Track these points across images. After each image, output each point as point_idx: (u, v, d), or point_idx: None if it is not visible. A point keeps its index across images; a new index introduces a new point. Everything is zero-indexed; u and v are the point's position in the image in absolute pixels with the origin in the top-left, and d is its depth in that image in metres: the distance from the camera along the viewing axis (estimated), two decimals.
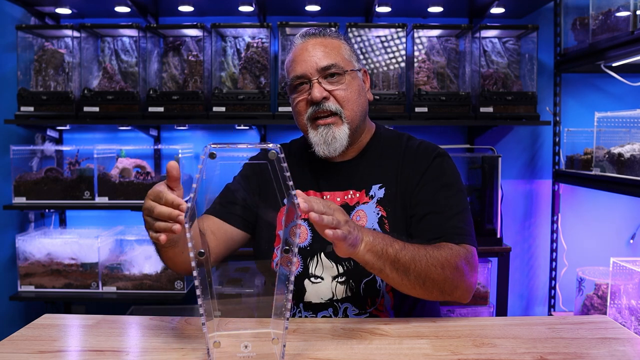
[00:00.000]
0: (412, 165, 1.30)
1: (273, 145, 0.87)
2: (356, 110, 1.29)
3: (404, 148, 1.34)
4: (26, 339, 1.04)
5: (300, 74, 1.28)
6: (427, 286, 1.12)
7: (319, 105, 1.26)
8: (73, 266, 2.50)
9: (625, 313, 2.04)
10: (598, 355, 0.95)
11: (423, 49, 2.59)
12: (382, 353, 0.97)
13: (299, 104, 1.30)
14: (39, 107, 2.48)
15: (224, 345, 0.91)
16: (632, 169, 2.08)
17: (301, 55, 1.29)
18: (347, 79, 1.28)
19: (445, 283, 1.14)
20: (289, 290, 0.90)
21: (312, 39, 1.30)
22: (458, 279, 1.15)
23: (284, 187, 0.89)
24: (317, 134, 1.27)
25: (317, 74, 1.26)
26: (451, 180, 1.29)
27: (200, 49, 2.55)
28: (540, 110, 2.60)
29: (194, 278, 0.87)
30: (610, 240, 2.76)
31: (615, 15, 2.17)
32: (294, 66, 1.30)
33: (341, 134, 1.26)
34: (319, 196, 1.33)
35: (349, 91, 1.28)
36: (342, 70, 1.27)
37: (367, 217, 1.28)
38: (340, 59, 1.28)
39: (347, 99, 1.27)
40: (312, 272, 1.28)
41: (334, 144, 1.26)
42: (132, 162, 2.58)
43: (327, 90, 1.26)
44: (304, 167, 1.37)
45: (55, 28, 2.64)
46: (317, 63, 1.26)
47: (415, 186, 1.27)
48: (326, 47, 1.29)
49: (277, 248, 1.32)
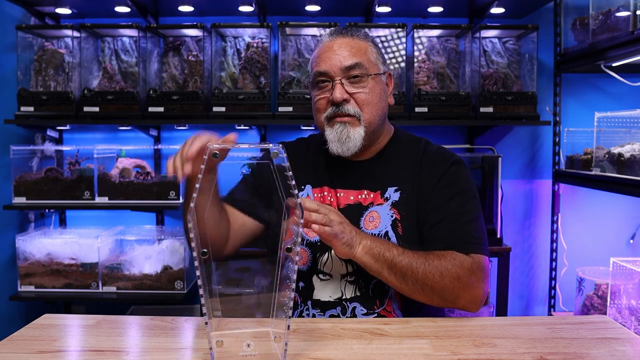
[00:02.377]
0: (429, 170, 1.30)
1: (274, 145, 0.87)
2: (375, 115, 1.29)
3: (422, 152, 1.34)
4: (26, 339, 1.04)
5: (323, 70, 1.27)
6: (426, 292, 1.15)
7: (339, 107, 1.26)
8: (73, 266, 2.50)
9: (625, 313, 2.04)
10: (598, 355, 0.95)
11: (423, 49, 2.59)
12: (382, 353, 0.97)
13: (320, 101, 1.30)
14: (39, 107, 2.48)
15: (226, 344, 0.91)
16: (632, 169, 2.08)
17: (327, 52, 1.28)
18: (370, 82, 1.28)
19: (444, 292, 1.16)
20: (291, 289, 0.90)
21: (339, 38, 1.30)
22: (459, 289, 1.16)
23: (285, 186, 0.89)
24: (333, 131, 1.27)
25: (341, 73, 1.26)
26: (466, 187, 1.29)
27: (200, 49, 2.55)
28: (540, 110, 2.60)
29: (197, 277, 0.87)
30: (610, 240, 2.76)
31: (615, 15, 2.17)
32: (318, 62, 1.29)
33: (356, 134, 1.26)
34: (333, 193, 1.34)
35: (370, 95, 1.28)
36: (365, 72, 1.27)
37: (380, 218, 1.28)
38: (365, 61, 1.28)
39: (368, 103, 1.27)
40: (321, 268, 1.28)
41: (347, 143, 1.26)
42: (132, 162, 2.58)
43: (349, 93, 1.26)
44: (320, 163, 1.37)
45: (55, 28, 2.64)
46: (342, 62, 1.26)
47: (432, 190, 1.28)
48: (353, 47, 1.28)
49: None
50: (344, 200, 1.32)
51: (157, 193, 2.48)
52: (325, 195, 1.34)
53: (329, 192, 1.34)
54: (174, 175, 1.05)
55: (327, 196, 1.34)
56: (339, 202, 1.32)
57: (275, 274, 1.38)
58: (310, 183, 1.37)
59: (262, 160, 1.51)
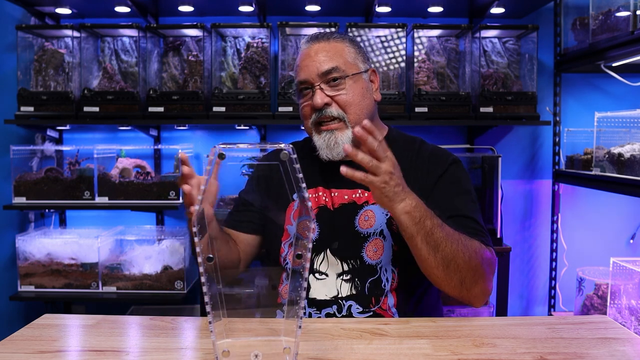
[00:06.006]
0: (426, 170, 1.31)
1: (285, 145, 0.85)
2: (360, 113, 1.29)
3: (417, 152, 1.35)
4: (26, 339, 1.04)
5: (303, 79, 1.30)
6: (450, 270, 1.12)
7: (322, 112, 1.28)
8: (73, 266, 2.50)
9: (625, 313, 2.04)
10: (598, 355, 0.95)
11: (423, 49, 2.59)
12: (382, 353, 0.97)
13: (304, 109, 1.33)
14: (39, 107, 2.48)
15: (233, 354, 0.89)
16: (632, 169, 2.08)
17: (304, 60, 1.31)
18: (348, 83, 1.29)
19: (468, 273, 1.14)
20: (302, 287, 0.86)
21: (315, 44, 1.31)
22: (478, 277, 1.16)
23: (296, 188, 0.87)
24: (320, 139, 1.29)
25: (319, 79, 1.28)
26: (467, 187, 1.31)
27: (200, 49, 2.55)
28: (540, 110, 2.60)
29: (202, 284, 0.85)
30: (610, 240, 2.76)
31: (615, 15, 2.17)
32: (298, 71, 1.32)
33: (344, 138, 1.28)
34: (327, 193, 1.34)
35: (351, 95, 1.28)
36: (343, 74, 1.28)
37: (375, 217, 1.29)
38: (342, 63, 1.29)
39: (350, 103, 1.28)
40: (317, 267, 1.29)
41: (336, 149, 1.28)
42: (132, 162, 2.58)
43: (329, 96, 1.28)
44: (314, 164, 1.38)
45: (55, 28, 2.64)
46: (318, 68, 1.28)
47: (432, 189, 1.28)
48: (328, 51, 1.30)
49: (285, 242, 1.33)
50: (338, 200, 1.33)
51: (157, 193, 2.48)
52: (320, 196, 1.35)
53: (324, 192, 1.35)
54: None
55: (322, 196, 1.35)
56: (333, 201, 1.33)
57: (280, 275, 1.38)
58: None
59: (269, 160, 1.51)
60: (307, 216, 0.89)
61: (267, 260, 1.43)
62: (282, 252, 1.33)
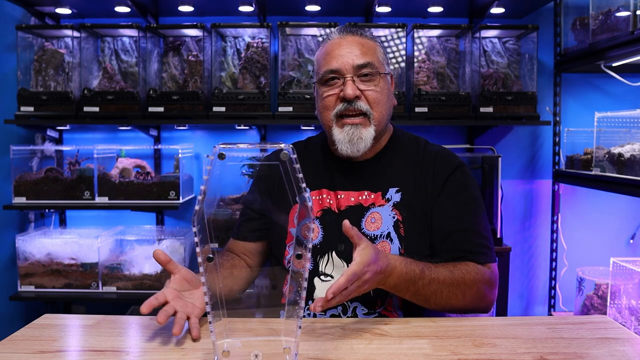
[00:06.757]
0: (431, 172, 1.30)
1: (285, 146, 0.84)
2: (384, 113, 1.29)
3: (422, 153, 1.34)
4: (26, 339, 1.04)
5: (335, 68, 1.27)
6: (447, 309, 1.21)
7: (350, 103, 1.26)
8: (73, 266, 2.50)
9: (625, 313, 2.04)
10: (598, 355, 0.95)
11: (423, 49, 2.59)
12: (382, 353, 0.97)
13: (328, 98, 1.29)
14: (39, 107, 2.48)
15: (233, 355, 0.89)
16: (632, 169, 2.08)
17: (337, 50, 1.28)
18: (380, 80, 1.28)
19: (466, 308, 1.21)
20: (302, 287, 0.87)
21: (349, 36, 1.30)
22: (477, 302, 1.21)
23: (296, 188, 0.87)
24: (343, 132, 1.27)
25: (353, 71, 1.26)
26: (474, 193, 1.30)
27: (200, 49, 2.55)
28: (540, 110, 2.60)
29: (202, 284, 0.85)
30: (610, 240, 2.76)
31: (615, 15, 2.17)
32: (328, 60, 1.28)
33: (367, 135, 1.26)
34: (332, 195, 1.33)
35: (380, 93, 1.28)
36: (376, 71, 1.27)
37: (382, 219, 1.28)
38: (375, 60, 1.28)
39: (378, 101, 1.28)
40: (322, 270, 1.28)
41: (359, 144, 1.26)
42: (132, 162, 2.58)
43: (360, 90, 1.26)
44: (318, 166, 1.37)
45: (55, 28, 2.64)
46: (354, 60, 1.26)
47: (438, 194, 1.28)
48: (363, 46, 1.28)
49: (289, 245, 1.33)
50: (344, 202, 1.31)
51: (157, 193, 2.48)
52: (324, 198, 1.33)
53: (328, 194, 1.33)
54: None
55: (326, 199, 1.33)
56: (339, 204, 1.32)
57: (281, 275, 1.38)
58: (308, 186, 1.37)
59: (270, 161, 1.50)
60: (307, 217, 0.89)
61: (272, 261, 1.43)
62: (286, 254, 1.32)
